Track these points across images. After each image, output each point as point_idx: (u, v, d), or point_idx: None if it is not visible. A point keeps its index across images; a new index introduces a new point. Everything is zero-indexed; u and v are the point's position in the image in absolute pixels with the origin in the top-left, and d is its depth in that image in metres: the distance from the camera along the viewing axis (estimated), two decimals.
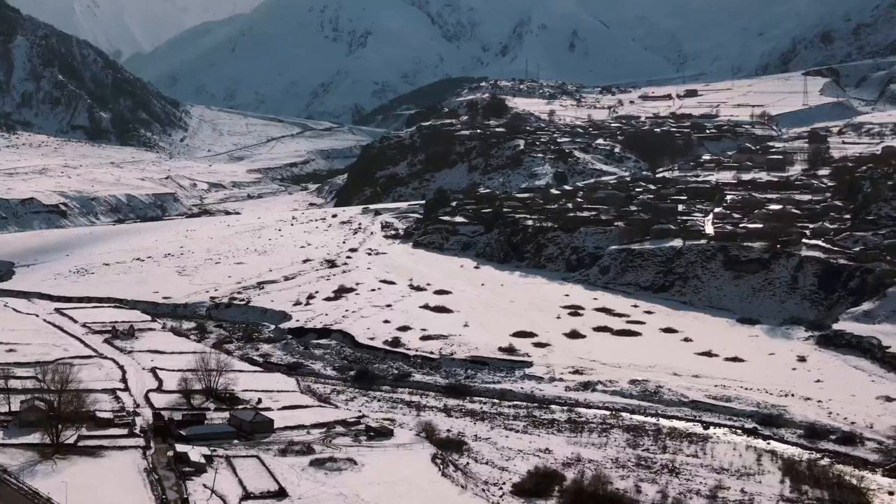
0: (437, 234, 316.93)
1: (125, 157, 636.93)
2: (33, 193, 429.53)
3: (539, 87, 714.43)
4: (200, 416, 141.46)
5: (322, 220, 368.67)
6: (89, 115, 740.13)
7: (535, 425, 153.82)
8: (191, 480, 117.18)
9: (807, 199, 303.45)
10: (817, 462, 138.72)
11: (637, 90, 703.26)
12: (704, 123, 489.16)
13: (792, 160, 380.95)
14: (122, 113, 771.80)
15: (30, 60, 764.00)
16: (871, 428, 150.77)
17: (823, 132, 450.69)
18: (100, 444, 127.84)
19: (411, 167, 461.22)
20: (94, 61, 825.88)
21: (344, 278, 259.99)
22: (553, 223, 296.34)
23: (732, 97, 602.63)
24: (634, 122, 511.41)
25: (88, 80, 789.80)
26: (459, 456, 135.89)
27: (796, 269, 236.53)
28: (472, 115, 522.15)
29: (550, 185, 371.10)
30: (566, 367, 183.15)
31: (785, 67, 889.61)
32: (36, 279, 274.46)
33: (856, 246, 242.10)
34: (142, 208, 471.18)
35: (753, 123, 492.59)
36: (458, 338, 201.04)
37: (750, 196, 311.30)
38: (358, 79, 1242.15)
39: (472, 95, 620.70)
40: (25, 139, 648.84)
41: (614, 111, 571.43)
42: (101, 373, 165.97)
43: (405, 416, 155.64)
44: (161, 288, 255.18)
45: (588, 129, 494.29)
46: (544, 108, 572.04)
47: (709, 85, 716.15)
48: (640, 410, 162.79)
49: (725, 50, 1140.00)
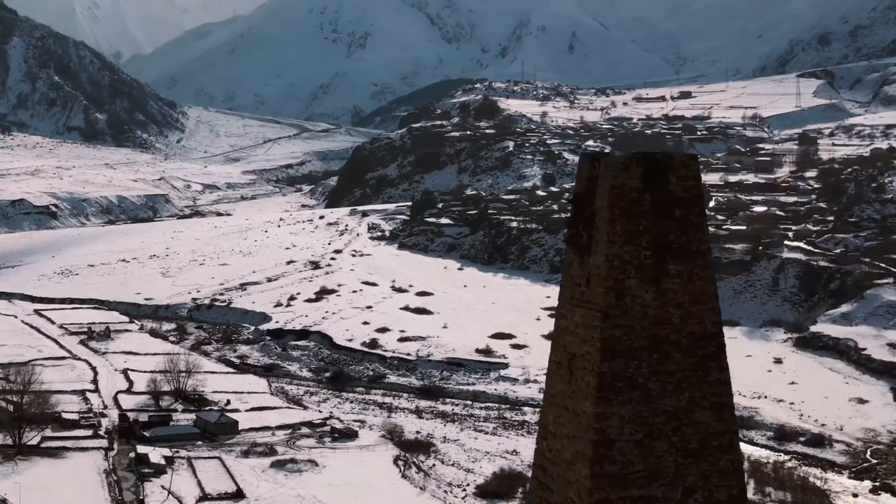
0: (422, 235, 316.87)
1: (120, 159, 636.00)
2: (23, 194, 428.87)
3: (533, 88, 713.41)
4: (166, 418, 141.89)
5: (309, 222, 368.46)
6: (85, 117, 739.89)
7: (505, 427, 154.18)
8: (149, 482, 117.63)
9: (792, 202, 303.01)
10: (783, 464, 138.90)
11: (632, 92, 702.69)
12: (696, 125, 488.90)
13: (780, 162, 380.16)
14: (118, 114, 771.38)
15: (26, 62, 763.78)
16: (840, 430, 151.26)
17: (814, 134, 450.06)
18: (63, 446, 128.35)
19: (401, 169, 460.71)
20: (91, 62, 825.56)
21: (326, 280, 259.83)
22: (537, 225, 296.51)
23: (726, 99, 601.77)
24: (626, 124, 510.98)
25: (85, 81, 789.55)
26: (427, 457, 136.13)
27: (777, 272, 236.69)
28: (464, 117, 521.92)
29: (537, 186, 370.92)
30: (541, 368, 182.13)
31: (782, 69, 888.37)
32: (20, 280, 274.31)
33: (837, 248, 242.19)
34: (133, 209, 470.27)
35: (745, 125, 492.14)
36: (436, 339, 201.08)
37: (735, 198, 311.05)
38: (357, 80, 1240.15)
39: (466, 97, 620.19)
40: (20, 140, 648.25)
41: (607, 113, 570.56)
42: (73, 374, 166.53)
43: (376, 418, 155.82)
44: (143, 289, 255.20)
45: (579, 130, 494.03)
46: (537, 109, 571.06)
47: (703, 87, 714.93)
48: None
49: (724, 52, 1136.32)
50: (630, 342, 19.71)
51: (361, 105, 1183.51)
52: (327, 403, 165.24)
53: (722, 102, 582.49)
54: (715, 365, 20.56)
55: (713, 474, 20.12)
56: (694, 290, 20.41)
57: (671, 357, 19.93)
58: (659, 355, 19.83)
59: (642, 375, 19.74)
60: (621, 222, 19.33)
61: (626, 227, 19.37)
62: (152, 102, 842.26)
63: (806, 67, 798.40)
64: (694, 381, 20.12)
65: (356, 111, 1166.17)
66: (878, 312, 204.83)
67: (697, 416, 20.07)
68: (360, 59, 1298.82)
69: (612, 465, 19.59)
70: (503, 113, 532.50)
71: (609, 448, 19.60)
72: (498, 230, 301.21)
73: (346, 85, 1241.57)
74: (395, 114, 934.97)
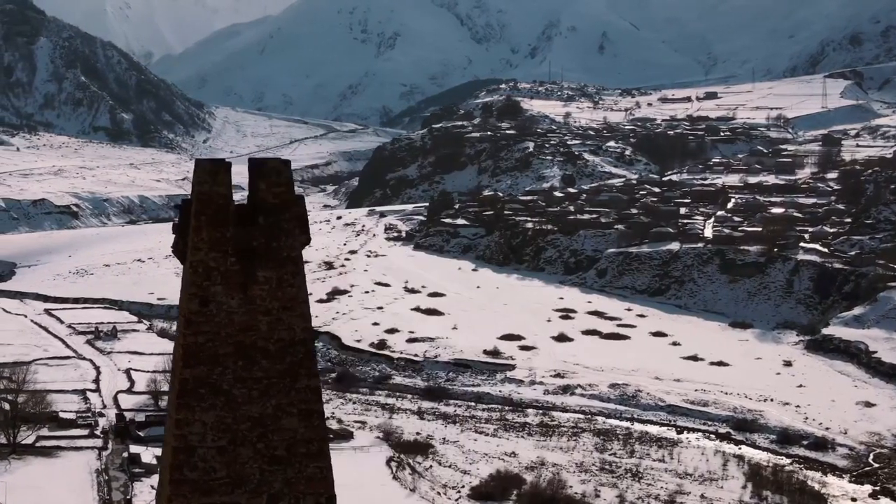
0: (438, 236, 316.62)
1: (145, 159, 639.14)
2: (45, 194, 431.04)
3: (558, 88, 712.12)
4: (163, 418, 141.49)
5: (326, 222, 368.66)
6: (111, 117, 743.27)
7: (506, 429, 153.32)
8: (139, 481, 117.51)
9: (811, 203, 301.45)
10: (783, 468, 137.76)
11: (658, 92, 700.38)
12: (719, 126, 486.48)
13: (802, 163, 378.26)
14: (144, 114, 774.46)
15: (52, 62, 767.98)
16: (845, 433, 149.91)
17: (839, 135, 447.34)
18: (57, 445, 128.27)
19: (421, 169, 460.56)
20: (118, 63, 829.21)
21: (339, 280, 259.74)
22: (553, 226, 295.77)
23: (752, 100, 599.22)
24: (649, 125, 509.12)
25: (112, 81, 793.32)
26: (424, 459, 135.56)
27: (792, 273, 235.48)
28: (486, 117, 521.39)
29: (555, 187, 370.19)
30: (548, 370, 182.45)
31: (813, 70, 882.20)
32: (35, 279, 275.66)
33: (852, 250, 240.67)
34: (154, 209, 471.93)
35: (769, 126, 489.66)
36: (444, 340, 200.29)
37: (754, 199, 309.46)
38: (386, 81, 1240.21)
39: (489, 98, 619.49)
40: (46, 140, 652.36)
41: (630, 113, 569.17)
42: (75, 373, 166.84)
43: (377, 419, 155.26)
44: (157, 289, 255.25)
45: (602, 131, 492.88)
46: (560, 110, 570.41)
47: (730, 87, 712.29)
48: (616, 415, 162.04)
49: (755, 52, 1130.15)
50: (215, 349, 19.38)
51: (390, 105, 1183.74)
52: (330, 404, 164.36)
53: (748, 103, 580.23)
54: (304, 371, 20.46)
55: (300, 481, 20.04)
56: (283, 297, 20.27)
57: (258, 364, 19.76)
58: (245, 362, 19.54)
59: (227, 382, 19.51)
60: (207, 229, 18.96)
61: (212, 233, 19.01)
62: (179, 102, 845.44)
63: (837, 68, 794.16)
64: (281, 387, 20.02)
65: (385, 111, 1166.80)
66: (890, 315, 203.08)
67: (285, 422, 19.96)
68: (389, 59, 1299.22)
69: (193, 472, 19.42)
70: (525, 113, 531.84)
71: (190, 455, 19.43)
72: (513, 231, 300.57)
73: (375, 85, 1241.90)
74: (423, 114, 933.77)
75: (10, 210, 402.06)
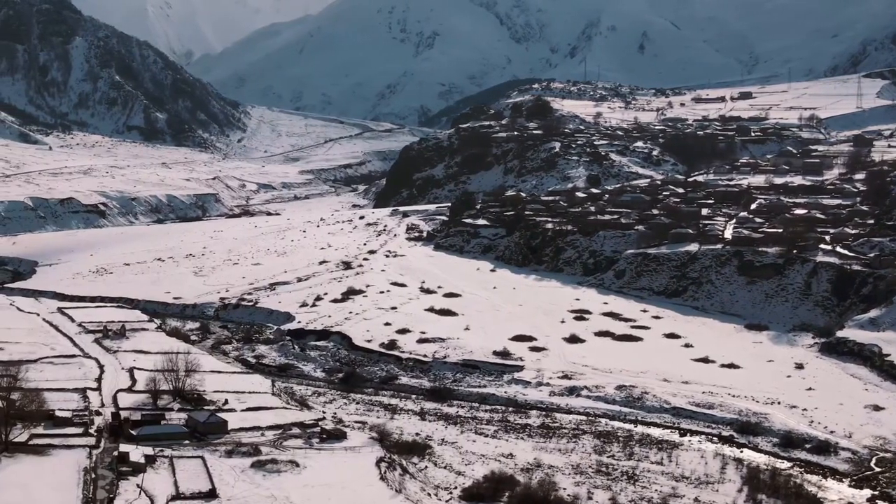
0: (458, 236, 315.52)
1: (177, 158, 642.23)
2: (73, 193, 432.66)
3: (591, 88, 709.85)
4: (158, 417, 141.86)
5: (349, 222, 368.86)
6: (145, 116, 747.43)
7: (507, 430, 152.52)
8: (126, 480, 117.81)
9: (835, 204, 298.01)
10: (782, 471, 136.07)
11: (692, 92, 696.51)
12: (750, 126, 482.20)
13: (831, 164, 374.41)
14: (179, 114, 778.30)
15: (87, 61, 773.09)
16: (849, 437, 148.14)
17: (873, 135, 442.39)
18: (49, 443, 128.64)
19: (448, 169, 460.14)
20: (154, 62, 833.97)
21: (355, 280, 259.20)
22: (573, 226, 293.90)
23: (786, 100, 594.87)
24: (680, 125, 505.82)
25: (147, 80, 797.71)
26: (420, 459, 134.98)
27: (810, 275, 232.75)
28: (514, 117, 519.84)
29: (577, 187, 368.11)
30: (556, 371, 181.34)
31: (853, 70, 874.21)
32: (55, 278, 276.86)
33: (872, 251, 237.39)
34: (182, 209, 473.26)
35: (801, 126, 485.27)
36: (455, 341, 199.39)
37: (778, 200, 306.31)
38: (425, 80, 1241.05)
39: (520, 97, 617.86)
40: (80, 139, 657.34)
41: (662, 113, 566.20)
42: (79, 372, 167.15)
43: (379, 419, 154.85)
44: (174, 288, 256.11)
45: (631, 131, 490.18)
46: (591, 110, 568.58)
47: (765, 87, 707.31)
48: (621, 416, 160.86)
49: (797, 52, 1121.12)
50: None
51: (428, 105, 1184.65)
52: (333, 404, 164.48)
53: (782, 103, 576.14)
54: None
55: None
56: None
57: None
58: None
59: None
60: None
61: None
62: (214, 102, 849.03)
63: (879, 67, 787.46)
64: None
65: (423, 111, 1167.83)
66: None
67: None
68: (427, 58, 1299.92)
69: None
70: (555, 113, 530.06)
71: None
72: (533, 231, 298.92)
73: (413, 84, 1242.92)
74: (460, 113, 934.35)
75: (38, 209, 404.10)
